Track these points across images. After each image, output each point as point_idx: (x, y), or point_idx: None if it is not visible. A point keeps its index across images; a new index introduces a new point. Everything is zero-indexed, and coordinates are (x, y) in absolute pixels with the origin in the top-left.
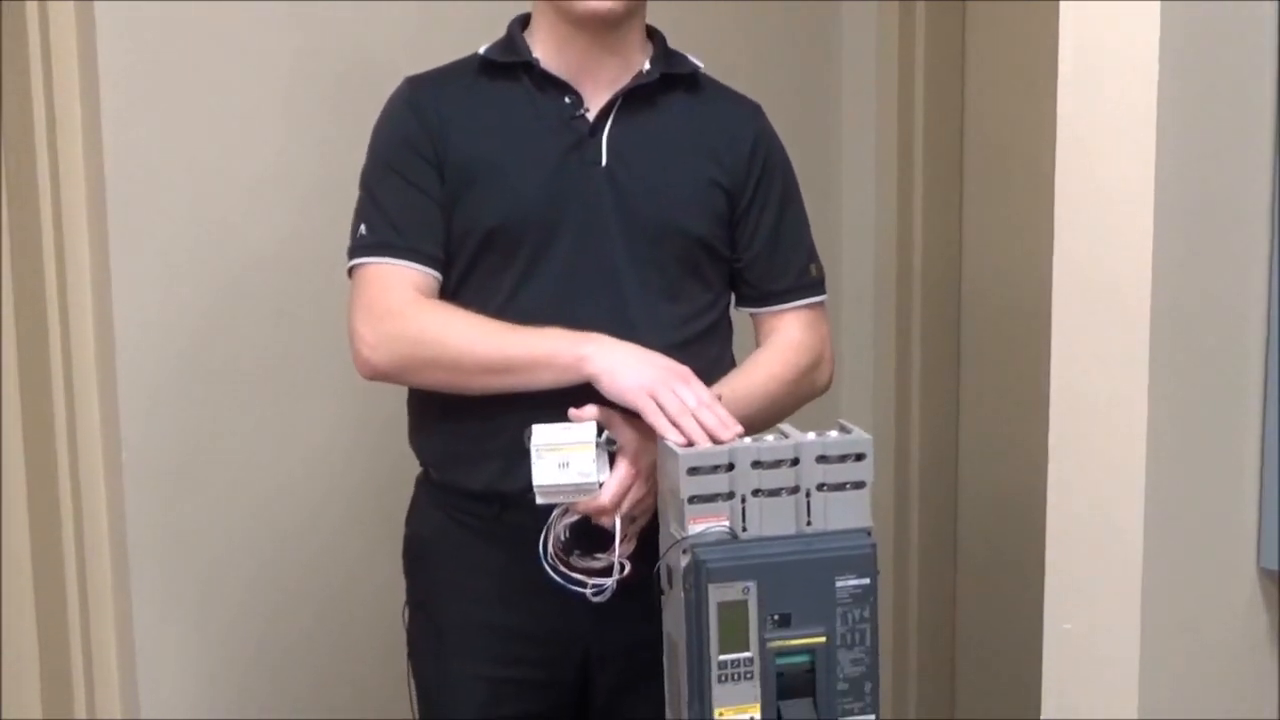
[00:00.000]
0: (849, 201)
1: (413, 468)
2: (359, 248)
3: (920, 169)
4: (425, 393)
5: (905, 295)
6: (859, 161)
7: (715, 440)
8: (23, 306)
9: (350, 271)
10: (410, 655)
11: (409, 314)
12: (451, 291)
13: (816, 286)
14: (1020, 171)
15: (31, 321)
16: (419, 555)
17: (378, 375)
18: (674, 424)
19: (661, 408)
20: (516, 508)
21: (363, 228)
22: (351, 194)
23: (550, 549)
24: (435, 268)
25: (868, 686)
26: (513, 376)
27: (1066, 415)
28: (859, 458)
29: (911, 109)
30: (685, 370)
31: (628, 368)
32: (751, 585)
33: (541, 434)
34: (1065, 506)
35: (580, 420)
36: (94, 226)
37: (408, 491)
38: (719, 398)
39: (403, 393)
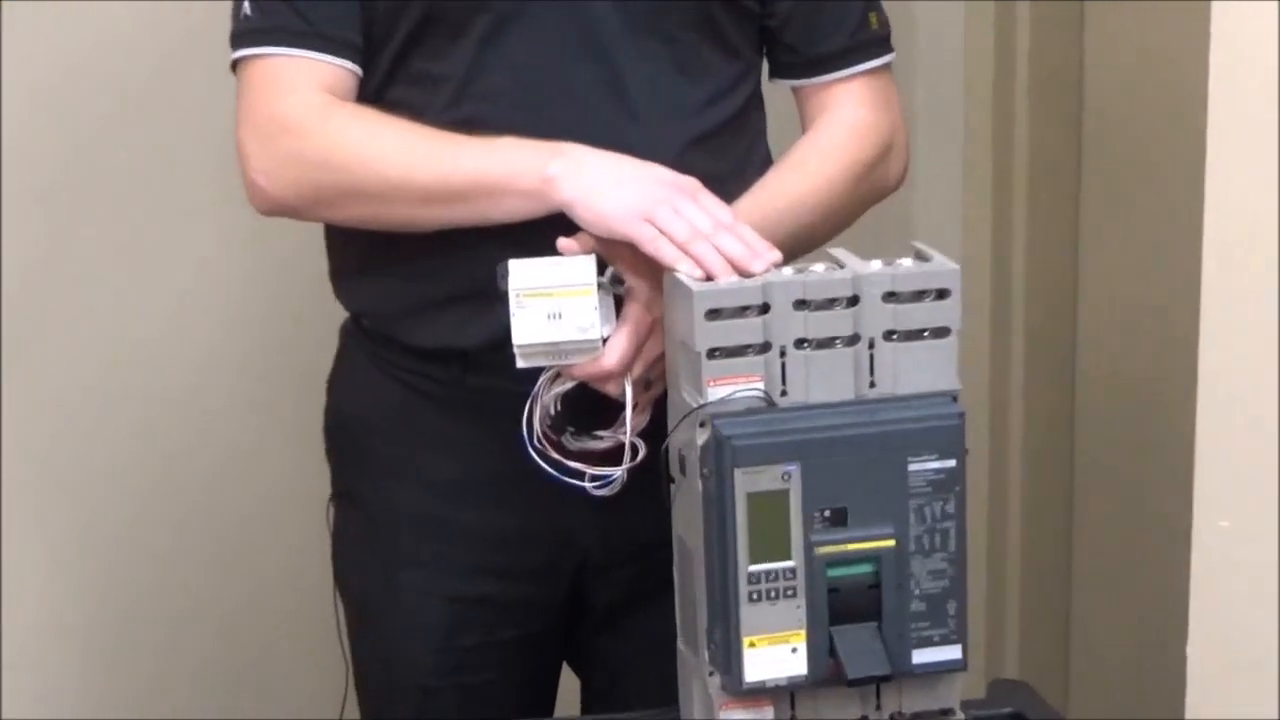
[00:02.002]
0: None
1: (334, 313)
2: (244, 34)
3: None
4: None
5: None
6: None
7: (742, 273)
8: None
9: (234, 67)
10: (337, 569)
11: (316, 126)
12: (374, 92)
13: (880, 44)
14: None
15: None
16: (349, 431)
17: (277, 209)
18: (684, 254)
19: (666, 234)
20: (486, 369)
21: (246, 5)
22: None
23: (537, 428)
24: (352, 59)
25: (952, 607)
26: (459, 208)
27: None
28: (941, 295)
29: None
30: (691, 182)
31: (611, 187)
32: (793, 469)
33: (522, 273)
34: (1219, 392)
35: (573, 253)
36: None
37: (328, 345)
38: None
39: None
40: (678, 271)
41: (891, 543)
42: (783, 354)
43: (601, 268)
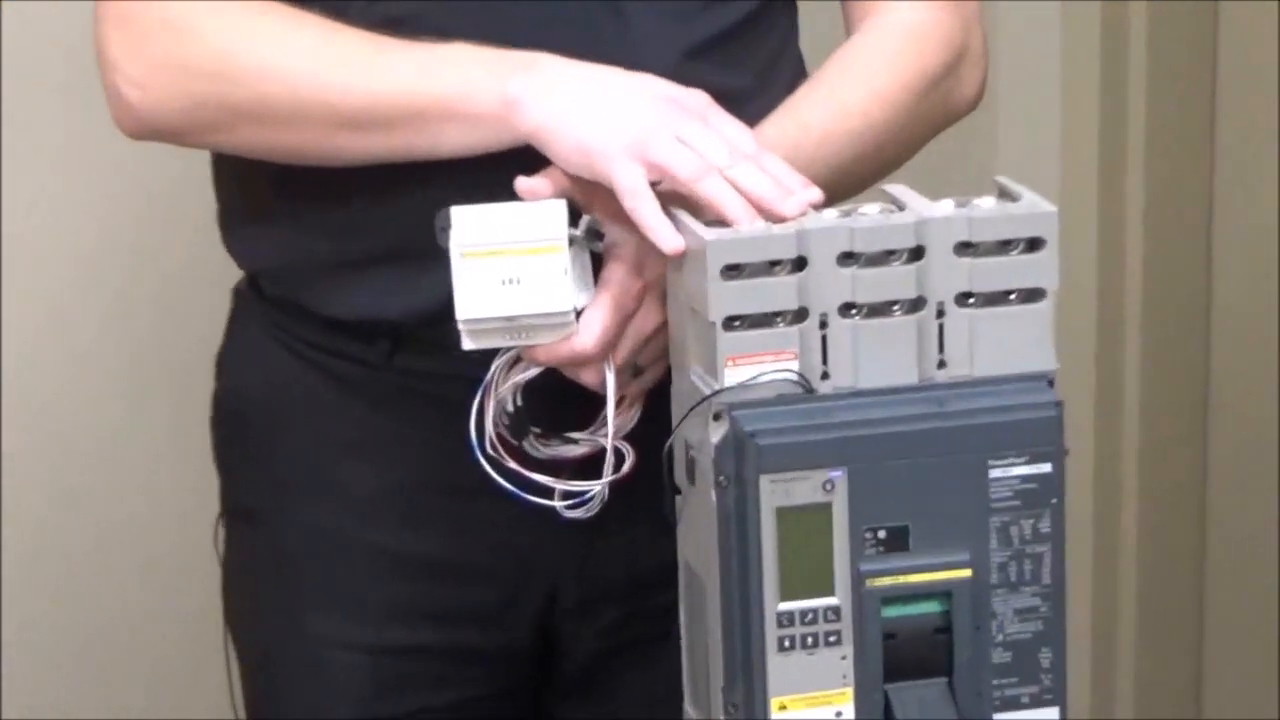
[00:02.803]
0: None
1: (226, 272)
2: None
3: None
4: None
5: None
6: None
7: (771, 216)
8: None
9: None
10: (228, 610)
11: (204, 23)
12: None
13: None
14: None
15: None
16: (242, 427)
17: (149, 131)
18: (694, 195)
19: (667, 170)
20: (421, 348)
21: None
22: None
23: (490, 429)
24: None
25: (1046, 658)
26: (389, 136)
27: None
28: (1033, 245)
29: None
30: (699, 99)
31: (592, 109)
32: (838, 477)
33: (469, 224)
34: None
35: (537, 197)
36: None
37: (218, 314)
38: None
39: None
40: (682, 216)
41: (967, 573)
42: (824, 324)
43: (575, 216)
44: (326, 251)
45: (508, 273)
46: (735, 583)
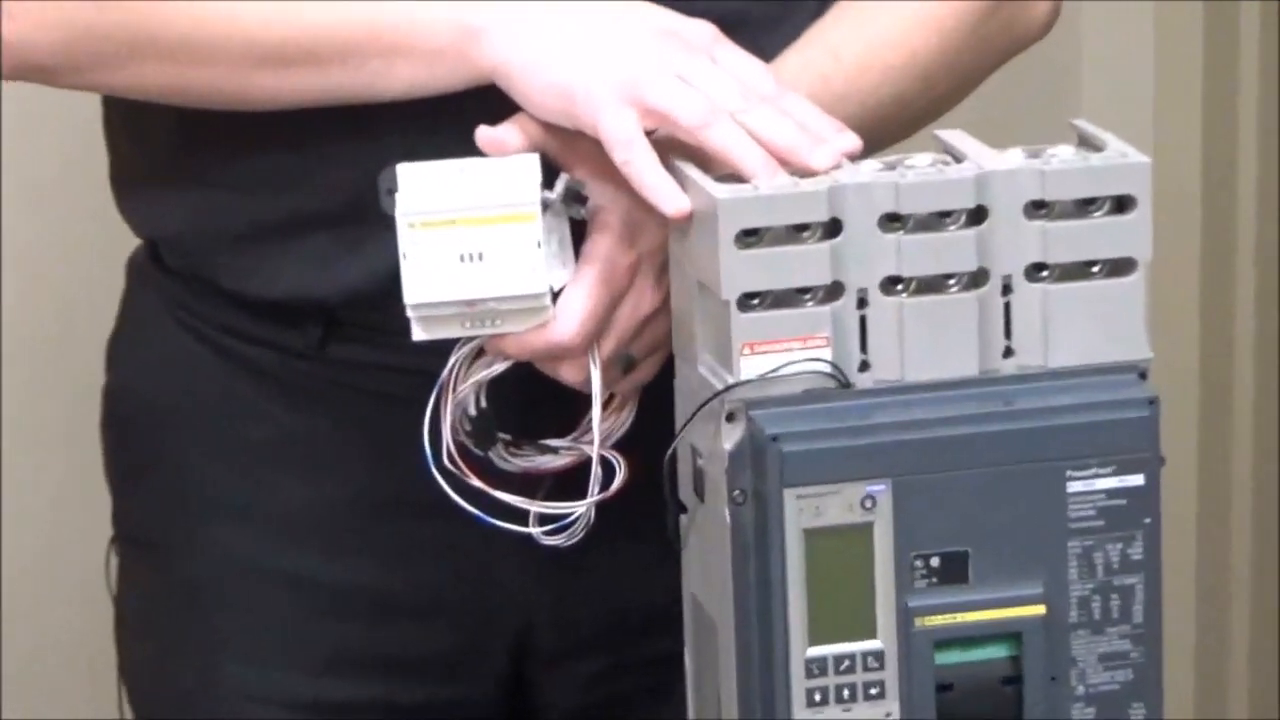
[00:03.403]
0: None
1: (121, 242)
2: None
3: None
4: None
5: None
6: None
7: (797, 170)
8: None
9: None
10: (122, 654)
11: None
12: None
13: None
14: None
15: None
16: (139, 432)
17: (23, 68)
18: (701, 144)
19: (666, 115)
20: (361, 336)
21: None
22: None
23: (447, 436)
24: None
25: (1139, 714)
26: (322, 74)
27: None
28: (1122, 205)
29: None
30: (703, 31)
31: (573, 44)
32: (880, 492)
33: (418, 185)
34: None
35: (503, 152)
36: None
37: (112, 293)
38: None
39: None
40: (687, 170)
41: (1040, 610)
42: (863, 302)
43: (550, 175)
44: (242, 216)
45: (468, 246)
46: (754, 622)
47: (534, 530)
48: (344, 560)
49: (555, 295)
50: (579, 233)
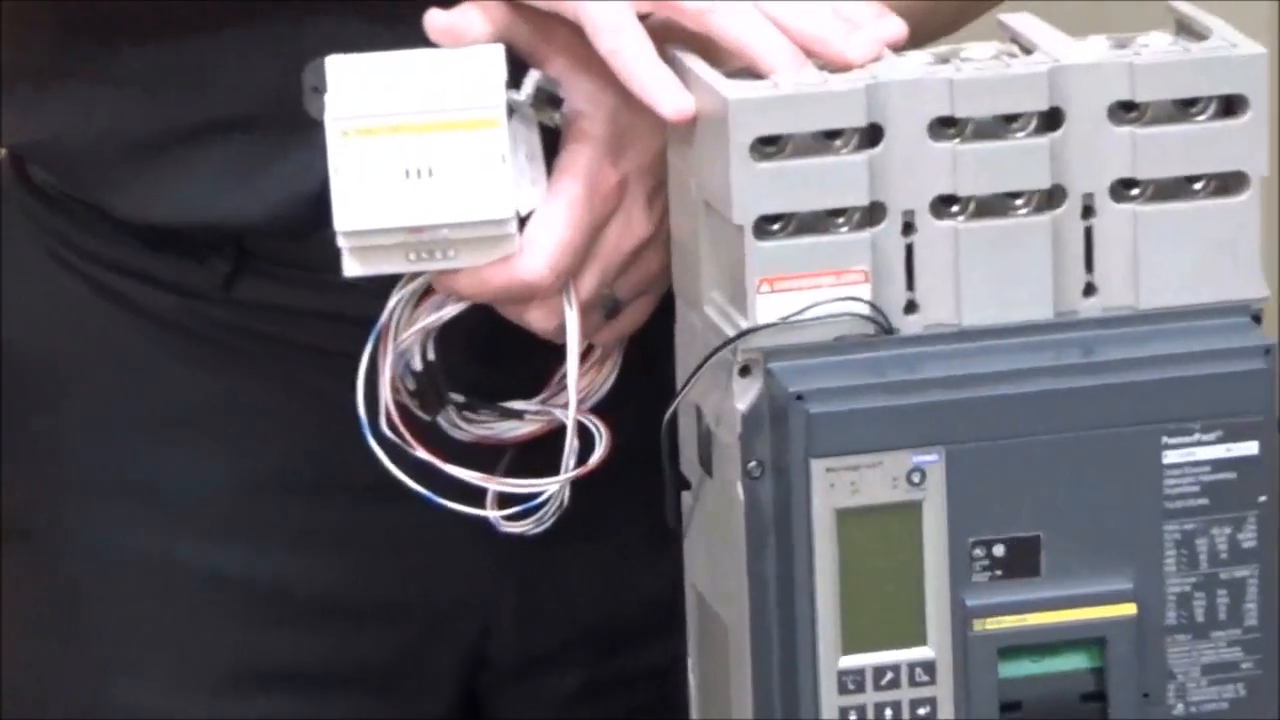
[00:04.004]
0: None
1: None
2: None
3: None
4: None
5: None
6: None
7: (827, 63)
8: None
9: None
10: (4, 670)
11: None
12: None
13: None
14: None
15: None
16: (6, 400)
17: None
18: (708, 31)
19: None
20: (276, 271)
21: None
22: None
23: (385, 396)
24: None
25: None
26: None
27: None
28: (1231, 107)
29: None
30: None
31: None
32: (931, 463)
33: (352, 83)
34: None
35: (459, 41)
36: None
37: None
38: None
39: None
40: (689, 63)
41: (1130, 609)
42: (909, 227)
43: (518, 72)
44: (134, 121)
45: (414, 159)
46: (775, 626)
47: (493, 513)
48: (257, 553)
49: (523, 221)
50: (552, 144)
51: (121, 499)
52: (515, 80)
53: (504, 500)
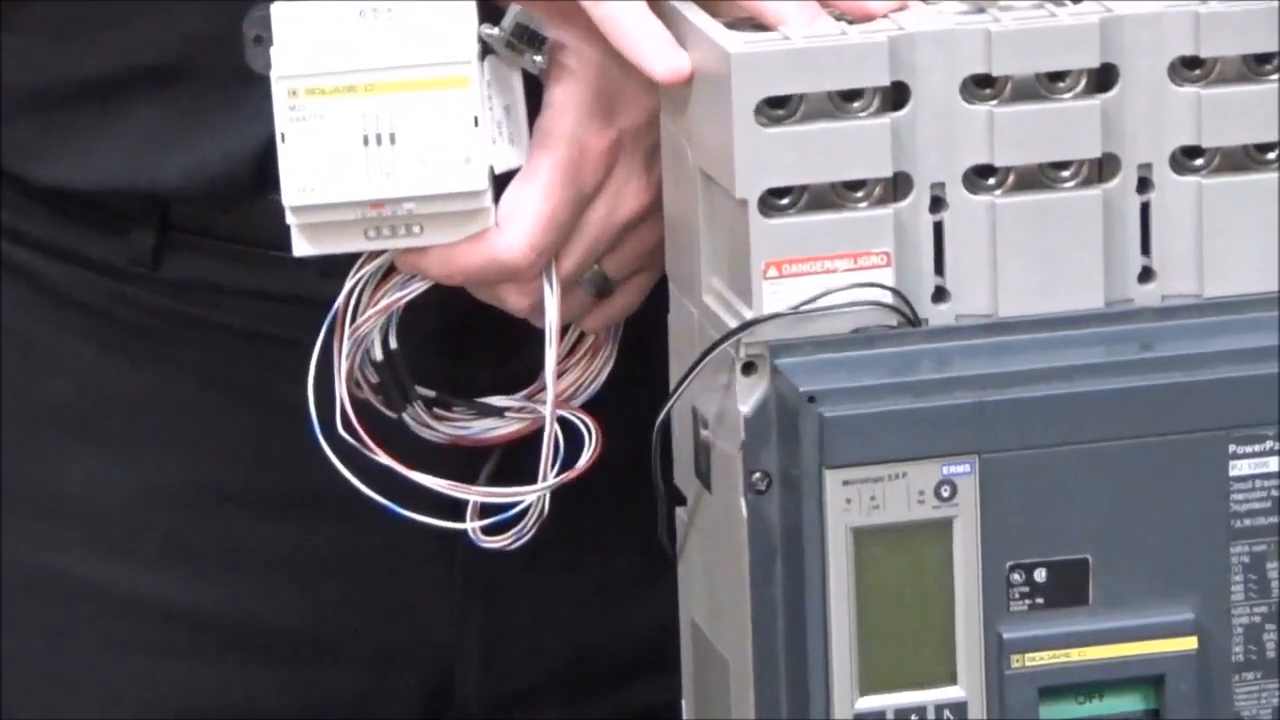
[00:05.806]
0: None
1: None
2: None
3: None
4: None
5: None
6: None
7: (845, 14)
8: None
9: None
10: None
11: None
12: None
13: None
14: None
15: None
16: None
17: None
18: None
19: None
20: (210, 247)
21: None
22: None
23: (341, 391)
24: None
25: None
26: None
27: None
28: None
29: None
30: None
31: None
32: (963, 475)
33: (302, 35)
34: None
35: None
36: None
37: None
38: None
39: None
40: (687, 13)
41: (1191, 643)
42: (939, 202)
43: (494, 17)
44: (44, 71)
45: (374, 121)
46: (782, 661)
47: (470, 526)
48: (183, 574)
49: (499, 184)
50: (533, 101)
51: (19, 509)
52: (492, 16)
53: (486, 511)
